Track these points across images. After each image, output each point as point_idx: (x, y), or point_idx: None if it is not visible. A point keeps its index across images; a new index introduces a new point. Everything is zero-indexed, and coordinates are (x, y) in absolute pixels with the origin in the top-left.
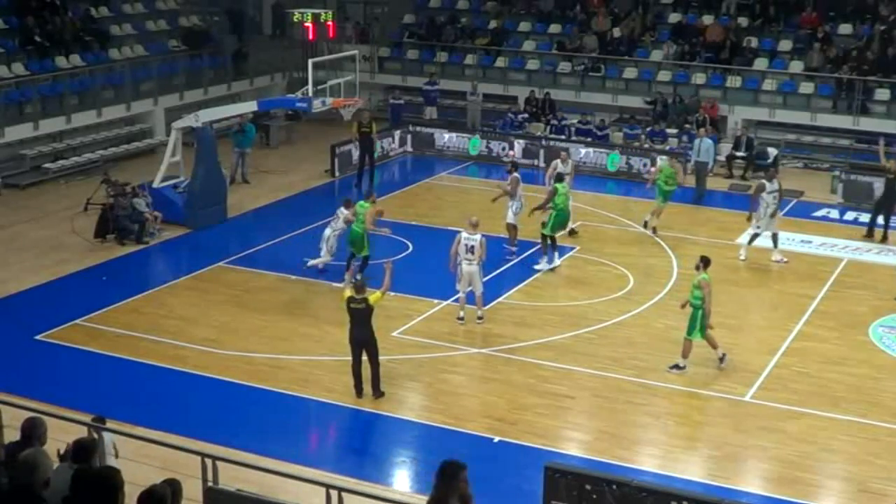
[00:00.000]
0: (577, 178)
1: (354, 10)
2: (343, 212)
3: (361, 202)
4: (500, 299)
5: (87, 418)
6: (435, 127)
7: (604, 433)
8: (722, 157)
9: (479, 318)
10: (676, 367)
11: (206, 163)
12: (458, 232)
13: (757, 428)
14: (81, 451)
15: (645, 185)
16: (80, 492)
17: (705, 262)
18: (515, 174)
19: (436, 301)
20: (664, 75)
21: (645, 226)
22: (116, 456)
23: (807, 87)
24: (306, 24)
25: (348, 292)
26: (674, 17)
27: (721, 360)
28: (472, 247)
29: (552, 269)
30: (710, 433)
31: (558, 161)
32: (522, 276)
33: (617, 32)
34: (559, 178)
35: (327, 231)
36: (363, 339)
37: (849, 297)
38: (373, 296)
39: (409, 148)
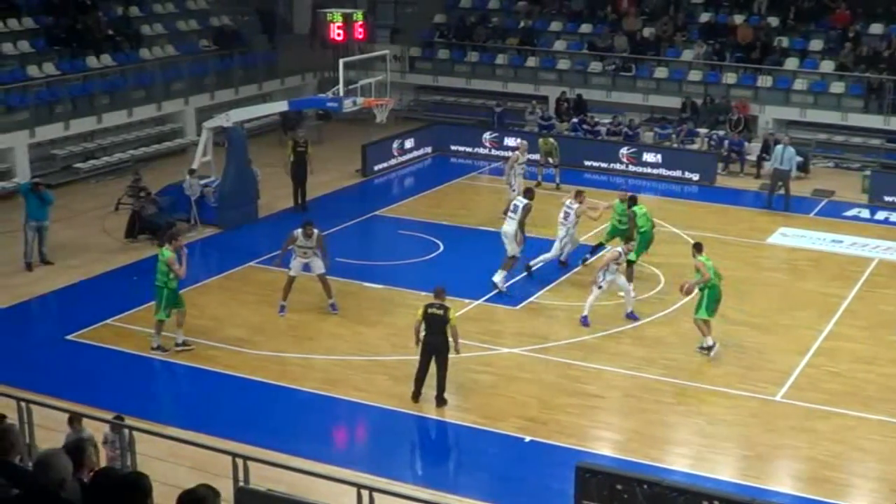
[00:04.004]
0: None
1: (385, 9)
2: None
3: None
4: (531, 299)
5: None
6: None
7: (634, 433)
8: (752, 158)
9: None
10: (702, 347)
11: (236, 162)
12: (490, 231)
13: (788, 428)
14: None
15: None
16: (105, 496)
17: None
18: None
19: (467, 301)
20: (695, 75)
21: None
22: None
23: (837, 87)
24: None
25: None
26: (704, 17)
27: (709, 349)
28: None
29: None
30: (741, 433)
31: None
32: (553, 277)
33: (647, 32)
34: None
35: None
36: (436, 347)
37: (879, 296)
38: (453, 314)
39: (428, 150)
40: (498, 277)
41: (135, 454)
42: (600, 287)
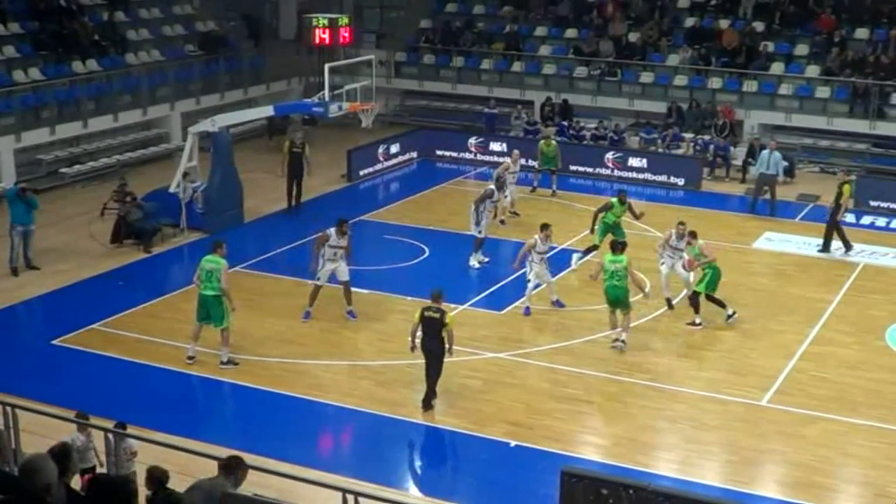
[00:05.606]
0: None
1: (371, 14)
2: None
3: None
4: (516, 303)
5: (105, 423)
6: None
7: (621, 438)
8: (738, 162)
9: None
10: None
11: (222, 167)
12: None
13: (774, 432)
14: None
15: None
16: (94, 498)
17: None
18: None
19: (453, 305)
20: (680, 80)
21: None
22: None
23: (823, 92)
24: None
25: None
26: (690, 22)
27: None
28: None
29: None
30: (728, 437)
31: None
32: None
33: (633, 37)
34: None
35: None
36: (431, 349)
37: (865, 301)
38: (450, 318)
39: (414, 155)
40: (472, 260)
41: (120, 458)
42: (529, 280)
